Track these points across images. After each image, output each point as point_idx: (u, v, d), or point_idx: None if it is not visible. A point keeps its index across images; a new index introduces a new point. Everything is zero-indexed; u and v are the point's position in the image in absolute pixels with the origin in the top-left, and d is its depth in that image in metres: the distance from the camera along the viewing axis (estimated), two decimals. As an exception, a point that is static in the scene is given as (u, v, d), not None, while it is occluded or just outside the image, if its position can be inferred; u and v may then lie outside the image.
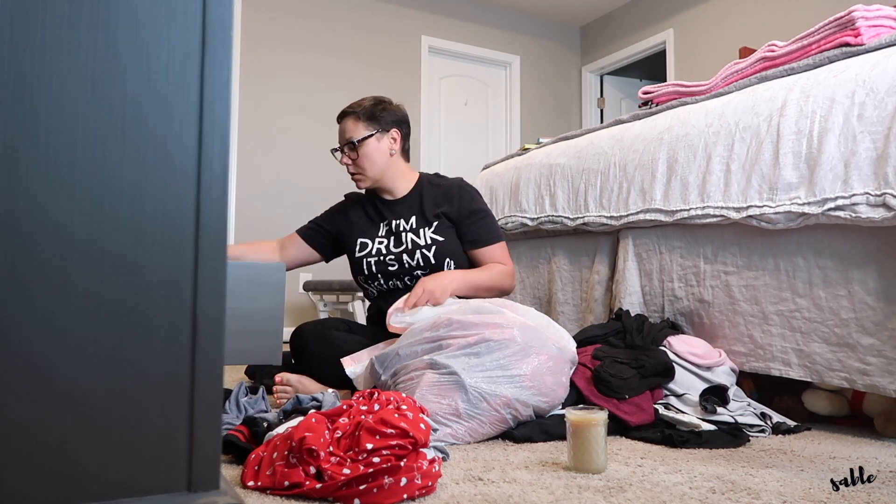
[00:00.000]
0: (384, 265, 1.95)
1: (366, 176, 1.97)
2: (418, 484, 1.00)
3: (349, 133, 1.95)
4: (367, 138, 1.94)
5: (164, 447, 0.67)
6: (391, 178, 2.00)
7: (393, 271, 1.95)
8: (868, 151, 1.45)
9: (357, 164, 1.96)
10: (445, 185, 2.02)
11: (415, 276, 1.93)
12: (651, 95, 2.38)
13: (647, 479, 1.13)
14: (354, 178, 1.99)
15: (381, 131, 1.96)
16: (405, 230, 1.97)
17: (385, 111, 1.98)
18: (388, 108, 1.99)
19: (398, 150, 2.00)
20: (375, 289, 2.01)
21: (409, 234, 1.96)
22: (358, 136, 1.94)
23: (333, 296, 4.11)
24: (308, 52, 4.87)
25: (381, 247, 1.98)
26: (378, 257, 1.96)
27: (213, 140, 0.70)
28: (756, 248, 1.73)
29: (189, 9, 0.69)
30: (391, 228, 1.99)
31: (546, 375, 1.47)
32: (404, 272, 1.93)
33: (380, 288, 2.00)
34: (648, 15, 5.49)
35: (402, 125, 2.01)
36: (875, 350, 1.46)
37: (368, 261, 1.97)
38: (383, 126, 1.97)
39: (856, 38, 1.66)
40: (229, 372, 2.54)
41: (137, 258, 0.67)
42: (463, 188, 2.02)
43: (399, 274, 1.94)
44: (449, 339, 1.47)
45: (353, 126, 1.95)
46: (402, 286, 1.96)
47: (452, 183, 2.04)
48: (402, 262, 1.93)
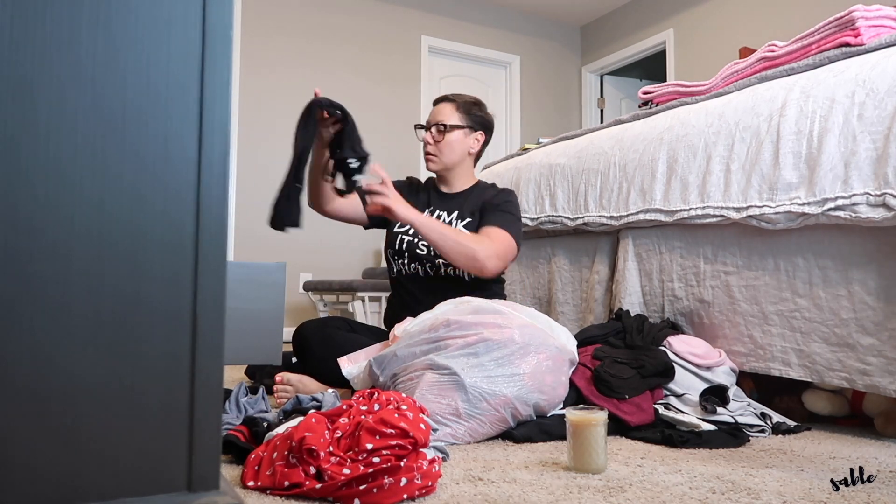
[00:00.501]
0: (414, 246, 1.99)
1: (440, 160, 2.03)
2: (418, 484, 1.00)
3: (442, 116, 2.02)
4: (457, 127, 2.01)
5: (164, 447, 0.67)
6: (457, 174, 2.07)
7: (420, 255, 1.98)
8: (868, 151, 1.45)
9: (438, 147, 2.02)
10: (491, 191, 2.07)
11: (436, 266, 1.95)
12: (651, 95, 2.38)
13: (647, 479, 1.13)
14: (428, 157, 2.04)
15: (471, 128, 2.04)
16: (443, 221, 2.00)
17: (481, 111, 2.07)
18: (483, 110, 2.08)
19: (476, 151, 2.08)
20: (398, 266, 2.03)
21: None
22: (450, 122, 2.01)
23: (333, 296, 4.11)
24: (308, 51, 4.87)
25: None
26: (413, 237, 1.99)
27: (213, 140, 0.70)
28: (756, 248, 1.73)
29: (189, 9, 0.69)
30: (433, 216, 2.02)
31: (546, 374, 1.47)
32: (428, 259, 1.96)
33: (402, 267, 2.02)
34: (648, 15, 5.49)
35: (488, 131, 2.09)
36: (875, 350, 1.46)
37: (403, 237, 2.00)
38: (474, 124, 2.04)
39: (856, 39, 1.66)
40: (229, 372, 2.54)
41: (138, 258, 0.67)
42: (504, 192, 2.06)
43: (423, 259, 1.97)
44: (448, 340, 1.47)
45: (449, 111, 2.03)
46: (423, 273, 1.98)
47: (500, 189, 2.09)
48: (430, 248, 1.96)
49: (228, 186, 0.71)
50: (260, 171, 4.62)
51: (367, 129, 4.15)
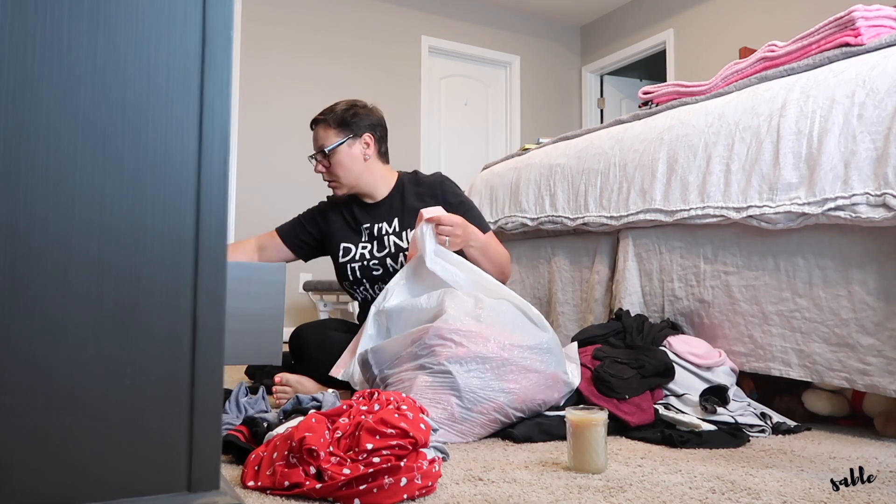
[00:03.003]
0: (368, 270, 1.94)
1: (341, 183, 1.95)
2: (418, 484, 1.00)
3: (320, 141, 1.93)
4: (338, 146, 1.91)
5: (164, 447, 0.67)
6: (368, 183, 1.97)
7: (378, 275, 1.93)
8: (868, 151, 1.45)
9: (331, 172, 1.94)
10: (428, 183, 1.99)
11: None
12: (651, 95, 2.38)
13: (647, 479, 1.13)
14: (330, 185, 1.98)
15: (353, 137, 1.93)
16: (387, 234, 1.95)
17: (357, 116, 1.94)
18: (359, 112, 1.95)
19: (373, 154, 1.96)
20: (361, 294, 1.99)
21: (391, 238, 1.94)
22: (329, 145, 1.91)
23: (333, 296, 4.11)
24: (308, 51, 4.87)
25: (364, 251, 1.95)
26: (362, 262, 1.94)
27: (213, 140, 0.70)
28: (756, 248, 1.73)
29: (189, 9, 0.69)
30: (373, 232, 1.96)
31: (537, 394, 1.46)
32: (389, 276, 1.88)
33: (365, 293, 1.97)
34: (648, 15, 5.49)
35: (375, 128, 1.97)
36: (875, 350, 1.46)
37: (353, 266, 1.95)
38: (356, 131, 1.93)
39: (856, 39, 1.66)
40: (229, 372, 2.54)
41: (138, 257, 0.67)
42: (444, 182, 1.99)
43: (385, 278, 1.91)
44: (437, 348, 1.45)
45: (324, 134, 1.93)
46: None
47: (434, 180, 2.01)
48: (386, 266, 1.92)
49: (228, 186, 0.71)
50: (260, 171, 4.62)
51: (366, 129, 3.95)
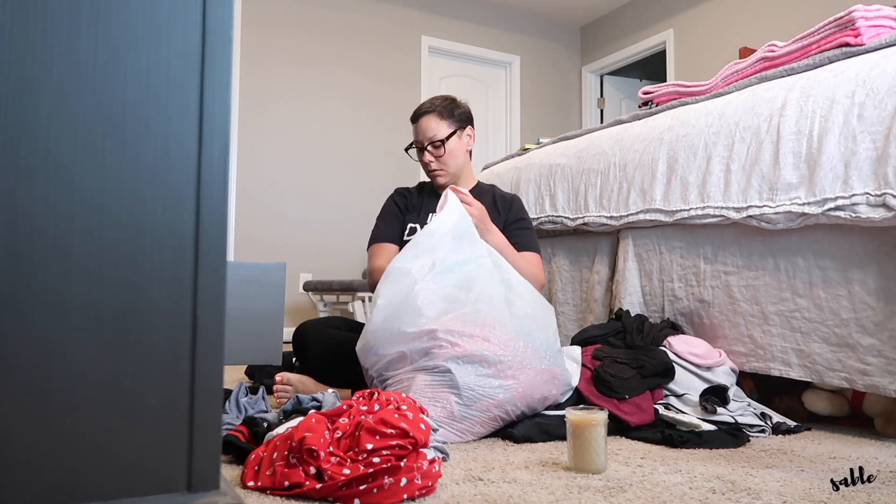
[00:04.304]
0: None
1: (448, 172, 2.01)
2: (418, 484, 1.00)
3: (432, 132, 1.98)
4: (451, 135, 1.98)
5: (164, 447, 0.67)
6: (465, 174, 2.06)
7: None
8: (868, 151, 1.45)
9: (442, 161, 1.99)
10: (502, 195, 2.08)
11: None
12: (651, 96, 2.38)
13: (647, 480, 1.13)
14: (435, 173, 2.02)
15: (461, 128, 2.02)
16: None
17: (460, 108, 2.04)
18: (461, 105, 2.05)
19: (472, 146, 2.07)
20: None
21: None
22: (443, 134, 1.98)
23: (333, 296, 4.11)
24: (308, 51, 4.87)
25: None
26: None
27: (213, 140, 0.70)
28: (756, 248, 1.73)
29: (189, 9, 0.69)
30: None
31: (536, 389, 1.46)
32: None
33: None
34: (648, 15, 5.49)
35: (472, 122, 2.07)
36: (875, 350, 1.46)
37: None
38: (462, 122, 2.02)
39: (856, 39, 1.66)
40: (229, 372, 2.54)
41: (137, 258, 0.67)
42: (515, 199, 2.09)
43: None
44: (435, 349, 1.45)
45: (436, 124, 1.98)
46: None
47: (509, 195, 2.10)
48: None
49: (228, 186, 0.71)
50: (260, 171, 4.62)
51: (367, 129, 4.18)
